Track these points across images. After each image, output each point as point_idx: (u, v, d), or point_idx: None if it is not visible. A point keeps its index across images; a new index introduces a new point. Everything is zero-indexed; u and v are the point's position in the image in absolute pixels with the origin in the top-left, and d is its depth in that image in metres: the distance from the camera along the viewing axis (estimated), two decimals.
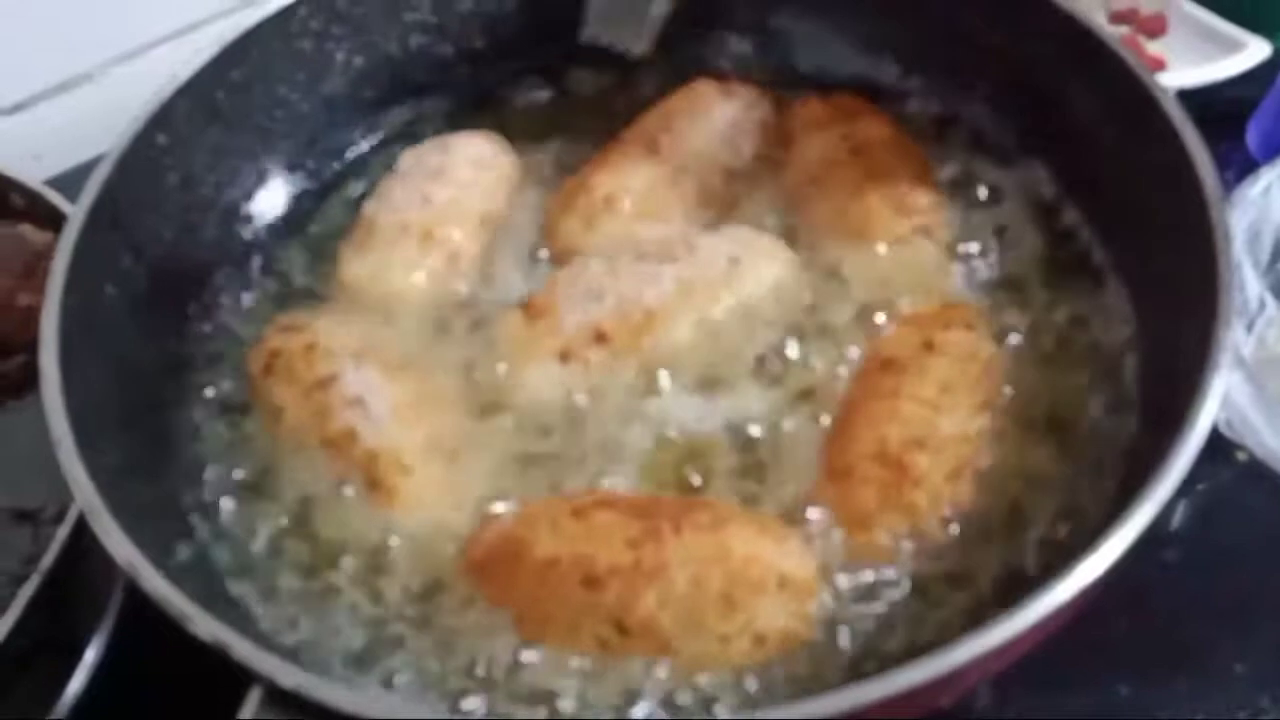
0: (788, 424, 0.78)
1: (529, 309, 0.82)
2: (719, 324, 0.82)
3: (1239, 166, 1.11)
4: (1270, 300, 1.01)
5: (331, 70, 0.98)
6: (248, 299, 0.91)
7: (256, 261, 0.93)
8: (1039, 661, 0.63)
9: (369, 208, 0.91)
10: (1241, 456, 0.91)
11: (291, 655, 0.68)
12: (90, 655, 0.83)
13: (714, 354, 0.81)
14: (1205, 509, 0.88)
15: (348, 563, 0.75)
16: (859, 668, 0.67)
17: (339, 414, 0.76)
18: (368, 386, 0.78)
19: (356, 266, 0.88)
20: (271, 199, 0.97)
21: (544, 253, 0.90)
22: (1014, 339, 0.81)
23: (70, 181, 1.05)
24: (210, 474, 0.80)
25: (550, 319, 0.81)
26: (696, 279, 0.82)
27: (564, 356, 0.80)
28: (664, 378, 0.81)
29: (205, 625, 0.58)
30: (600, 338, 0.80)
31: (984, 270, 0.85)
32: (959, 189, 0.91)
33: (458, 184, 0.91)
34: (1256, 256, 1.01)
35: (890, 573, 0.71)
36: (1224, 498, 0.88)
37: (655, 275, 0.82)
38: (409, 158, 0.95)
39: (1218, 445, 0.88)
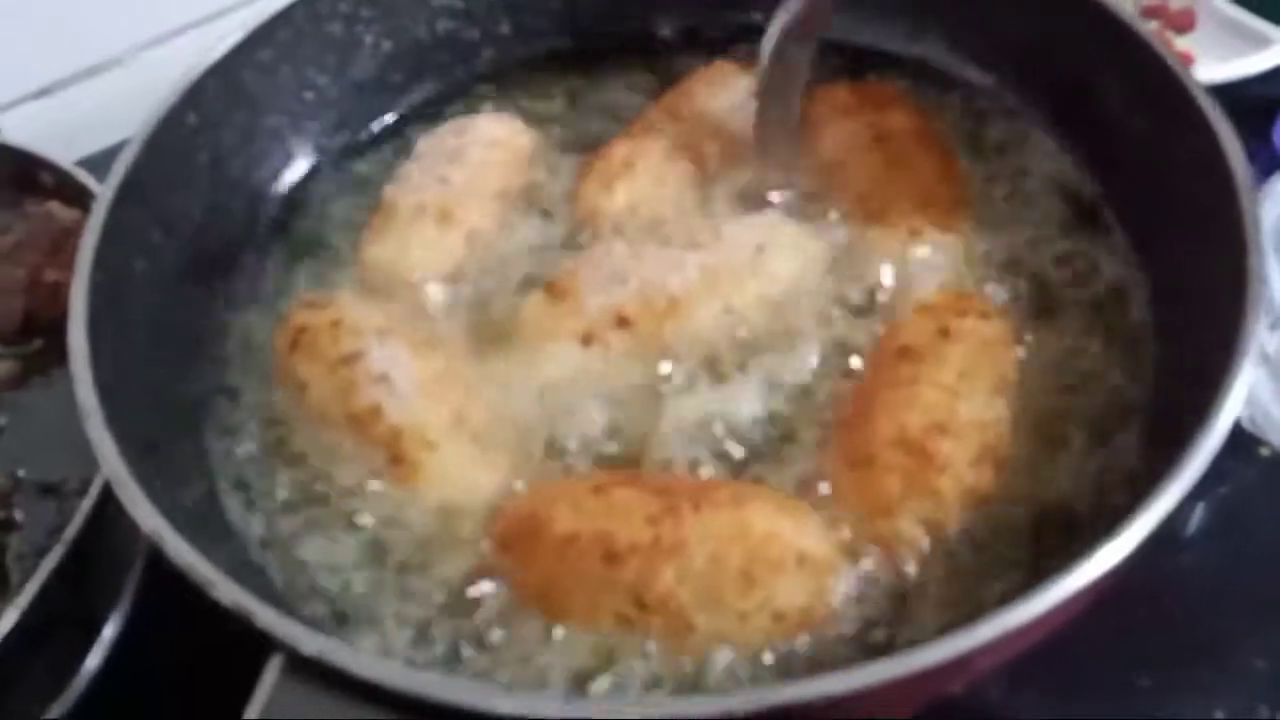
0: (805, 410, 0.78)
1: (551, 289, 0.82)
2: (741, 311, 0.82)
3: (1265, 163, 1.10)
4: None
5: (360, 53, 0.99)
6: (275, 277, 0.91)
7: (283, 240, 0.94)
8: (1059, 653, 0.63)
9: (388, 191, 0.92)
10: (1264, 453, 0.90)
11: (315, 626, 0.68)
12: (109, 631, 0.84)
13: (734, 340, 0.81)
14: (1227, 505, 0.87)
15: (371, 538, 0.75)
16: (875, 649, 0.67)
17: (364, 390, 0.76)
18: (393, 362, 0.78)
19: (377, 249, 0.89)
20: (299, 180, 0.97)
21: (561, 230, 0.91)
22: (1033, 326, 0.81)
23: (100, 164, 1.06)
24: (235, 448, 0.81)
25: (573, 300, 0.81)
26: (721, 266, 0.82)
27: (585, 339, 0.80)
28: (685, 363, 0.80)
29: (228, 591, 0.58)
30: (622, 321, 0.80)
31: (1003, 259, 0.85)
32: (984, 180, 0.90)
33: (474, 164, 0.91)
34: None
35: (911, 556, 0.70)
36: (1246, 494, 0.87)
37: (680, 261, 0.82)
38: (426, 141, 0.96)
39: (1240, 441, 0.88)
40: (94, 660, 0.83)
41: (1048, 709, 0.80)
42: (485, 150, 0.92)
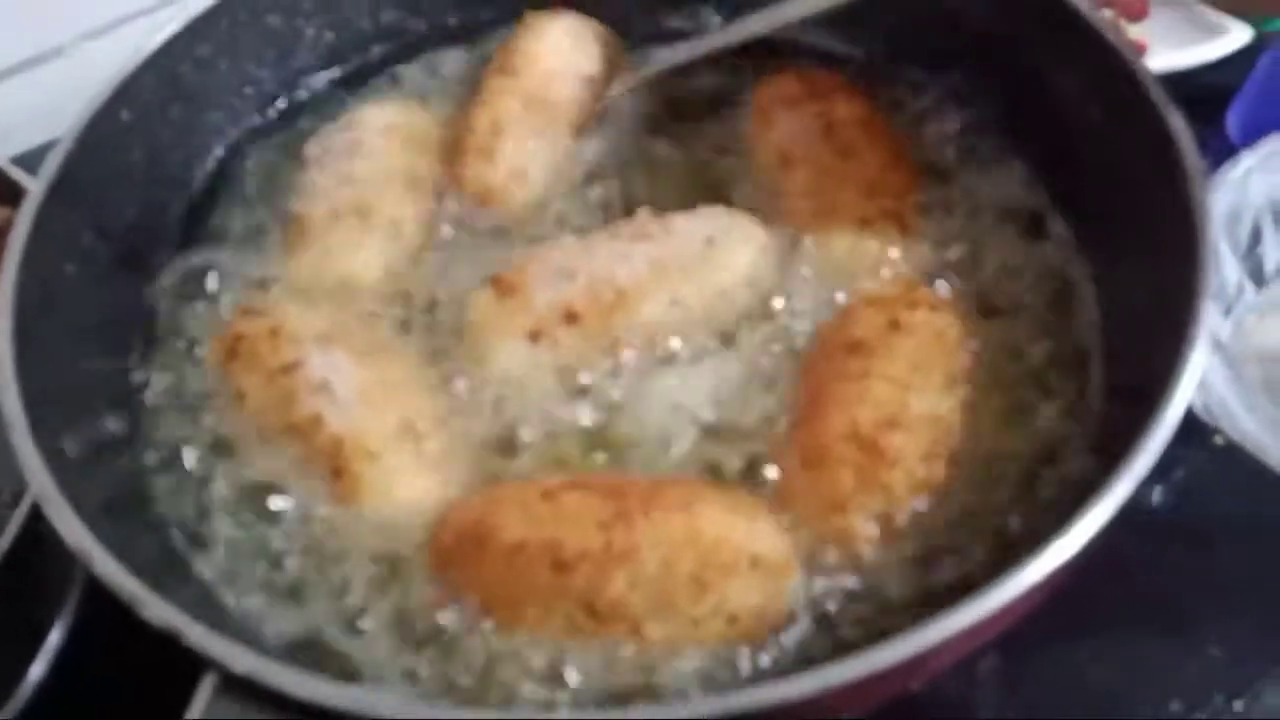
0: (755, 402, 0.77)
1: (499, 285, 0.80)
2: (689, 302, 0.81)
3: (1217, 151, 1.11)
4: (1249, 285, 1.01)
5: (301, 46, 0.97)
6: (213, 280, 0.89)
7: (223, 241, 0.91)
8: (1015, 645, 0.65)
9: (295, 205, 0.89)
10: (1219, 441, 0.90)
11: (254, 642, 0.67)
12: (53, 638, 0.82)
13: (683, 332, 0.80)
14: (1182, 493, 0.88)
15: (312, 550, 0.73)
16: (831, 647, 0.67)
17: (304, 399, 0.75)
18: (334, 370, 0.76)
19: (298, 265, 0.86)
20: (239, 177, 0.95)
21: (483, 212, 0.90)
22: (983, 318, 0.80)
23: (38, 159, 1.04)
24: (171, 459, 0.79)
25: (520, 297, 0.79)
26: (670, 259, 0.81)
27: (534, 335, 0.78)
28: (631, 356, 0.79)
29: (157, 609, 0.57)
30: (571, 317, 0.78)
31: (954, 251, 0.84)
32: (934, 169, 0.90)
33: (373, 154, 0.89)
34: (1235, 240, 1.00)
35: (864, 554, 0.70)
36: (1201, 482, 0.87)
37: (627, 254, 0.81)
38: (316, 143, 0.93)
39: (1195, 429, 0.88)
40: (38, 669, 0.80)
41: (1003, 701, 0.79)
42: (380, 138, 0.90)
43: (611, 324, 0.79)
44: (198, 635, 0.55)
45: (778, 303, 0.82)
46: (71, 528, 0.60)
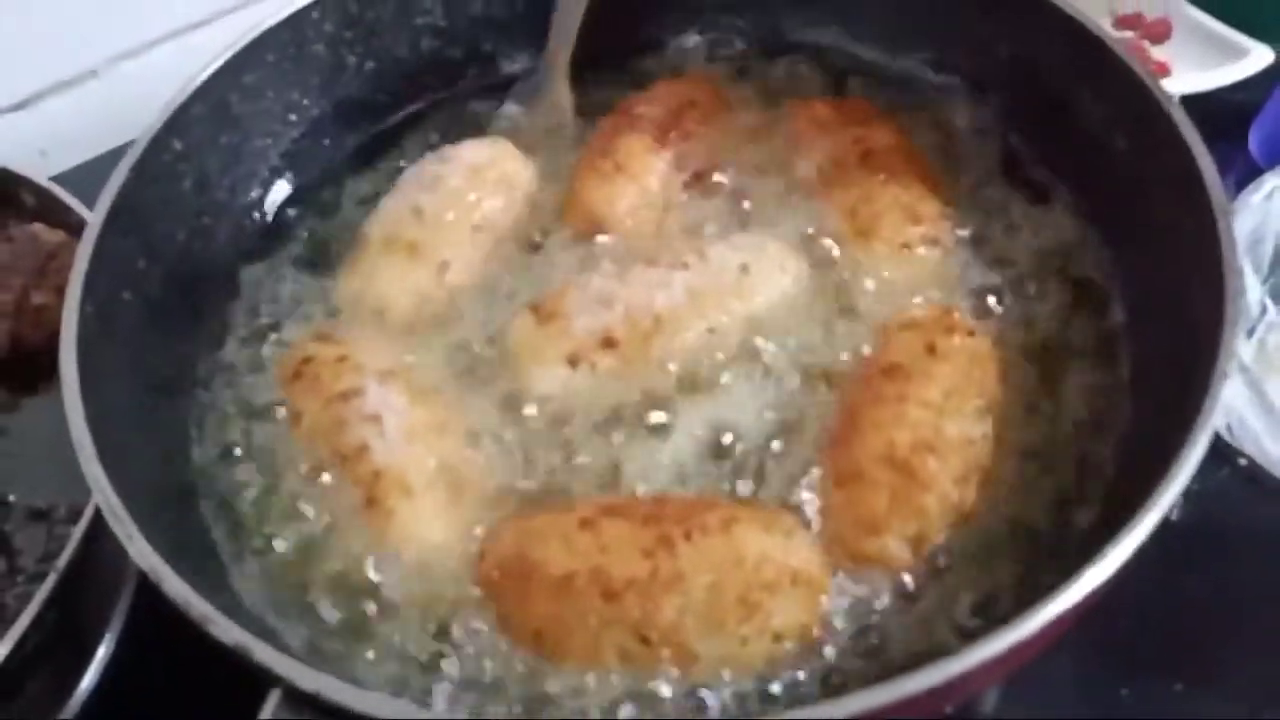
0: (793, 424, 0.79)
1: (539, 312, 0.82)
2: (726, 330, 0.83)
3: (1241, 171, 1.12)
4: (1271, 305, 1.02)
5: (344, 74, 0.99)
6: (261, 301, 0.91)
7: (269, 263, 0.94)
8: (1042, 666, 0.64)
9: (366, 223, 0.92)
10: (1242, 461, 0.92)
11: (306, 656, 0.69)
12: (101, 651, 0.84)
13: (719, 358, 0.82)
14: (1205, 513, 0.88)
15: (351, 572, 0.75)
16: (866, 669, 0.68)
17: (354, 428, 0.77)
18: (388, 405, 0.78)
19: (347, 281, 0.89)
20: (283, 201, 0.98)
21: (546, 251, 0.91)
22: (1014, 343, 0.82)
23: (77, 178, 1.07)
24: (224, 475, 0.81)
25: (560, 322, 0.81)
26: (707, 287, 0.83)
27: (572, 360, 0.80)
28: (671, 382, 0.81)
29: (227, 629, 0.58)
30: (609, 343, 0.80)
31: (988, 276, 0.86)
32: (964, 195, 0.91)
33: (449, 193, 0.90)
34: (1258, 261, 1.02)
35: (898, 572, 0.71)
36: (1224, 503, 0.89)
37: (665, 282, 0.82)
38: (410, 170, 0.95)
39: (1218, 449, 0.89)
40: (88, 680, 0.83)
41: (1021, 716, 0.81)
42: (465, 179, 0.91)
43: (649, 350, 0.81)
44: (265, 653, 0.57)
45: (813, 328, 0.83)
46: (142, 550, 0.62)
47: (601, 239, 0.90)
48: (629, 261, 0.86)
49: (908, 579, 0.71)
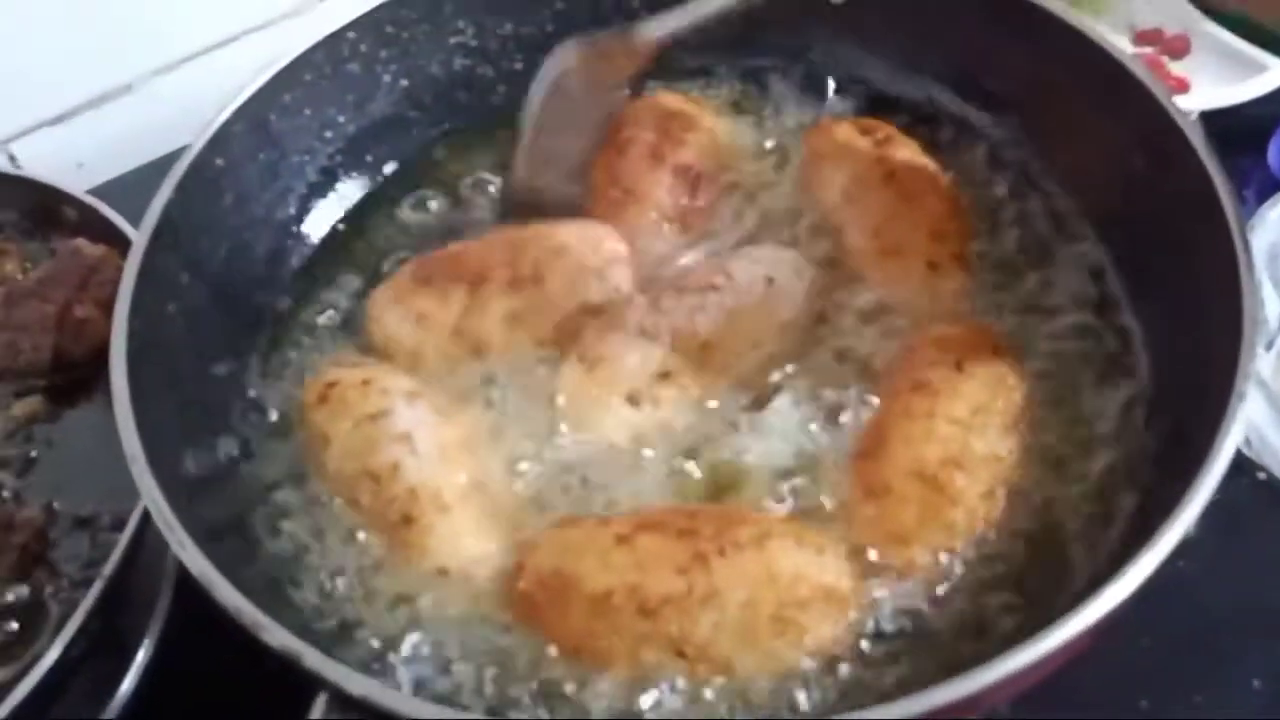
0: (822, 441, 0.80)
1: (585, 359, 0.82)
2: (765, 343, 0.84)
3: (1260, 185, 1.12)
4: None
5: (378, 92, 1.01)
6: (299, 314, 0.93)
7: (305, 277, 0.96)
8: (1061, 678, 0.65)
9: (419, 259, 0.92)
10: (1261, 475, 0.93)
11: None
12: (141, 655, 0.86)
13: (766, 373, 0.83)
14: (1224, 527, 0.89)
15: (384, 591, 0.76)
16: (889, 683, 0.70)
17: (386, 448, 0.77)
18: (418, 424, 0.79)
19: (376, 313, 0.90)
20: (320, 217, 1.00)
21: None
22: (1036, 360, 0.83)
23: (112, 191, 1.09)
24: (265, 487, 0.83)
25: (610, 365, 0.82)
26: (740, 303, 0.84)
27: (632, 399, 0.81)
28: (727, 401, 0.82)
29: (278, 635, 0.60)
30: (665, 375, 0.81)
31: (1010, 297, 0.87)
32: (984, 215, 0.93)
33: (549, 276, 0.88)
34: (1277, 276, 1.03)
35: (924, 588, 0.73)
36: (1244, 519, 0.89)
37: (702, 305, 0.84)
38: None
39: (1237, 463, 0.90)
40: (128, 683, 0.85)
41: None
42: (559, 265, 0.88)
43: (705, 374, 0.82)
44: (314, 659, 0.59)
45: (840, 346, 0.85)
46: (194, 558, 0.64)
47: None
48: (652, 288, 0.88)
49: (934, 592, 0.73)
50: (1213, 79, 1.21)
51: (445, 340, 0.86)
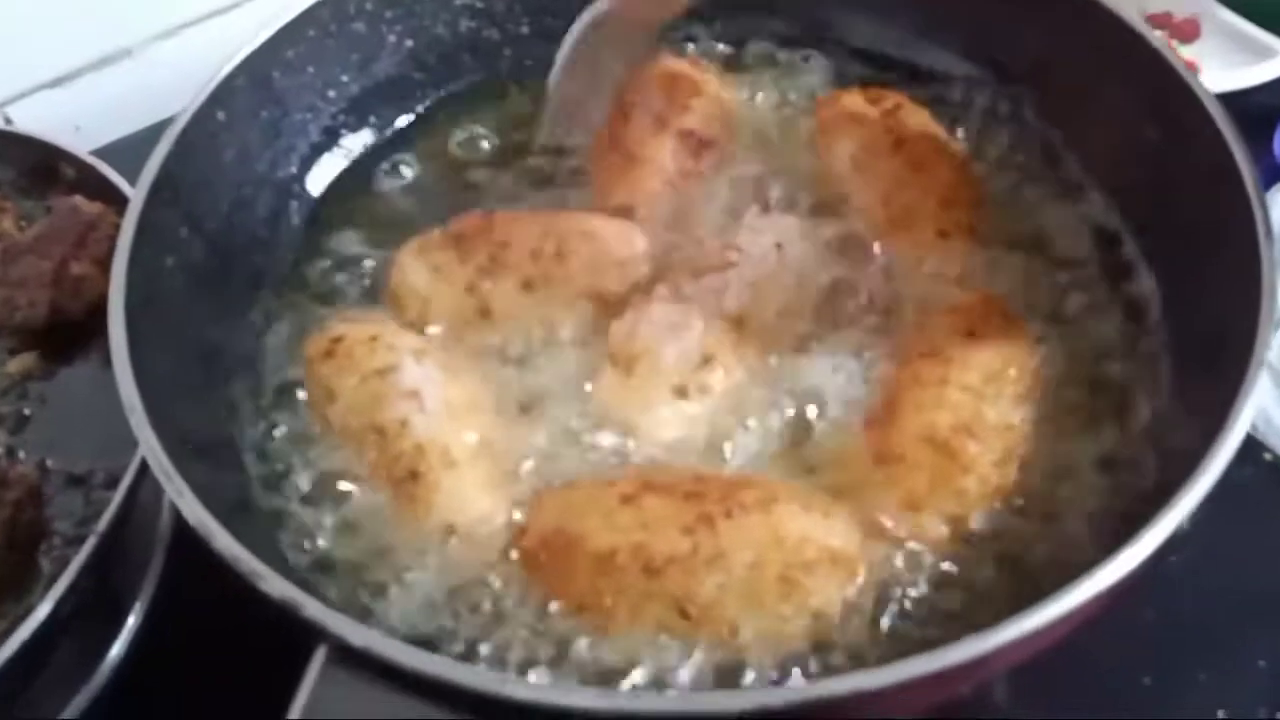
0: (832, 408, 0.80)
1: (620, 362, 0.80)
2: (790, 308, 0.83)
3: (1266, 172, 1.12)
4: None
5: (383, 51, 1.00)
6: (300, 272, 0.92)
7: (307, 236, 0.95)
8: (1063, 653, 0.64)
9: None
10: (1267, 457, 0.93)
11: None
12: (132, 620, 0.86)
13: (787, 344, 0.83)
14: (1231, 508, 0.89)
15: (391, 548, 0.76)
16: (897, 646, 0.69)
17: (393, 403, 0.77)
18: (426, 381, 0.78)
19: (402, 260, 0.88)
20: (322, 175, 0.98)
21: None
22: (1049, 332, 0.82)
23: (112, 154, 1.08)
24: (265, 442, 0.82)
25: (647, 362, 0.80)
26: (759, 274, 0.84)
27: (680, 392, 0.79)
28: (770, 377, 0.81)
29: (276, 584, 0.59)
30: (707, 360, 0.80)
31: (1022, 264, 0.87)
32: (995, 185, 0.92)
33: (560, 261, 0.86)
34: None
35: (933, 555, 0.72)
36: (1250, 498, 0.89)
37: (724, 283, 0.83)
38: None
39: (1244, 445, 0.89)
40: (119, 647, 0.84)
41: (1051, 708, 0.81)
42: (585, 248, 0.87)
43: (744, 352, 0.81)
44: (314, 609, 0.58)
45: (852, 304, 0.84)
46: (192, 507, 0.63)
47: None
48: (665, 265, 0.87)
49: (944, 559, 0.72)
50: (1222, 63, 1.21)
51: (458, 294, 0.85)
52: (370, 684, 0.56)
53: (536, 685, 0.65)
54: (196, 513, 0.62)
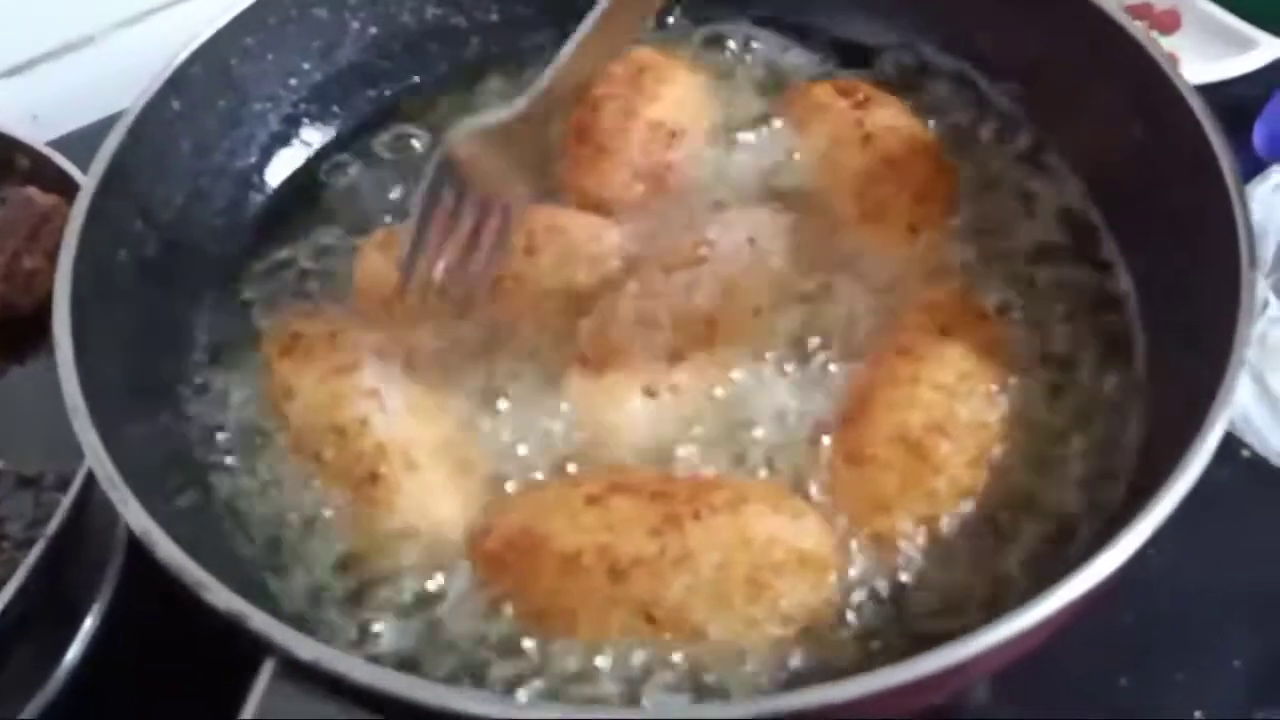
0: (805, 406, 0.78)
1: (589, 362, 0.78)
2: (763, 305, 0.81)
3: (1244, 165, 1.11)
4: (1274, 299, 1.02)
5: (346, 39, 0.97)
6: (258, 267, 0.90)
7: (266, 228, 0.92)
8: (1040, 653, 0.63)
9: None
10: (1245, 454, 0.92)
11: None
12: (88, 624, 0.83)
13: (760, 341, 0.81)
14: (1207, 506, 0.88)
15: (346, 550, 0.74)
16: (870, 652, 0.68)
17: (353, 402, 0.75)
18: (388, 380, 0.76)
19: (368, 250, 0.87)
20: (283, 166, 0.96)
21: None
22: (1025, 329, 0.81)
23: (70, 145, 1.05)
24: (220, 443, 0.80)
25: (617, 361, 0.78)
26: (730, 270, 0.82)
27: (649, 392, 0.77)
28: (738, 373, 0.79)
29: (222, 595, 0.57)
30: (678, 359, 0.78)
31: (997, 260, 0.85)
32: (972, 180, 0.90)
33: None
34: (1261, 256, 1.01)
35: (905, 558, 0.71)
36: (1227, 495, 0.87)
37: (695, 280, 0.81)
38: None
39: (1222, 442, 0.89)
40: (74, 652, 0.82)
41: (1028, 708, 0.80)
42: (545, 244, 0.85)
43: (714, 350, 0.79)
44: (261, 621, 0.56)
45: (825, 309, 0.82)
46: (136, 514, 0.61)
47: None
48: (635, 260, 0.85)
49: (915, 561, 0.71)
50: (1202, 55, 1.20)
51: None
52: (320, 697, 0.54)
53: (489, 698, 0.63)
54: (140, 520, 0.60)
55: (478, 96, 1.00)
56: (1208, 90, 1.00)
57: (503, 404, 0.79)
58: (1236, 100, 1.15)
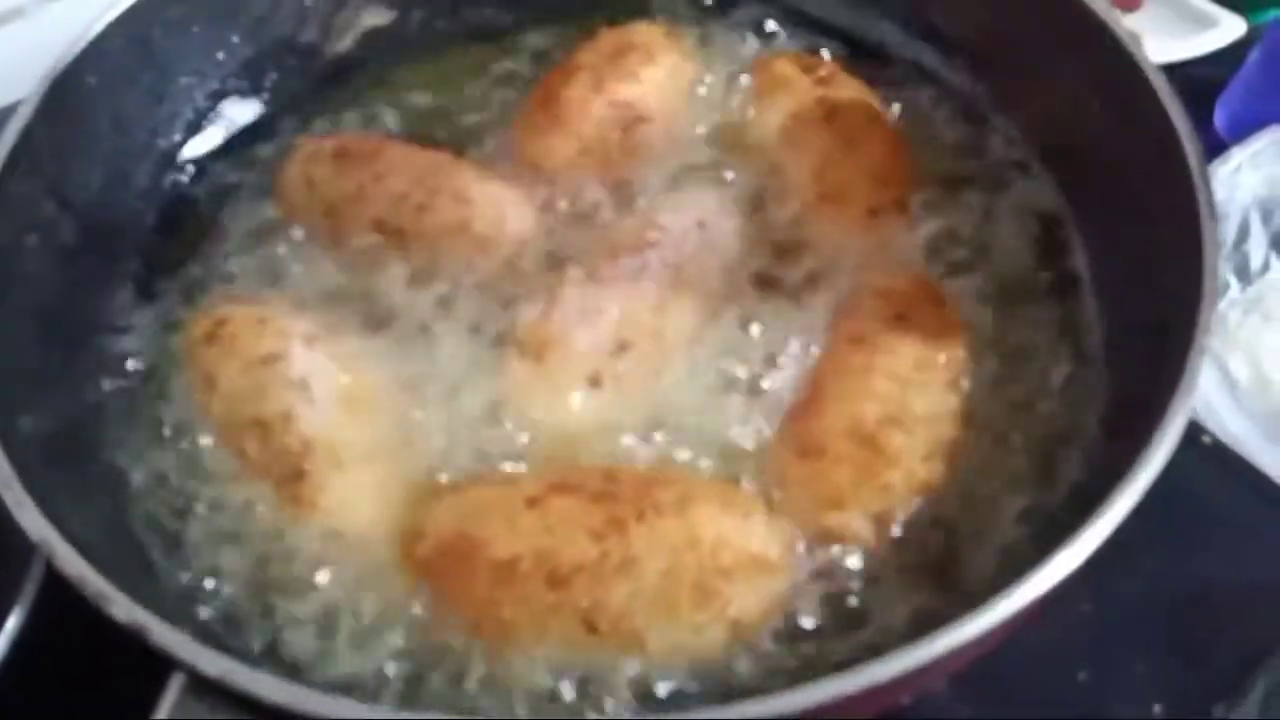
0: (756, 396, 0.75)
1: (528, 349, 0.75)
2: (712, 288, 0.79)
3: (1206, 146, 1.10)
4: (1234, 281, 1.00)
5: (280, 10, 0.94)
6: (181, 253, 0.86)
7: (191, 212, 0.89)
8: (1000, 649, 0.61)
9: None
10: (1205, 440, 0.90)
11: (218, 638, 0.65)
12: (11, 623, 0.79)
13: (709, 331, 0.78)
14: (1168, 494, 0.87)
15: (264, 554, 0.71)
16: (823, 656, 0.65)
17: (278, 394, 0.71)
18: (316, 370, 0.73)
19: (289, 161, 0.86)
20: (210, 145, 0.92)
21: None
22: (984, 315, 0.79)
23: None
24: (134, 442, 0.76)
25: (559, 349, 0.75)
26: (681, 255, 0.79)
27: (594, 381, 0.74)
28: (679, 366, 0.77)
29: (124, 608, 0.54)
30: (623, 347, 0.75)
31: (956, 245, 0.83)
32: (932, 161, 0.88)
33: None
34: (1223, 236, 1.00)
35: (859, 553, 0.69)
36: (1188, 482, 0.86)
37: (644, 265, 0.78)
38: None
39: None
40: None
41: (986, 705, 0.78)
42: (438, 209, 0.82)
43: (664, 337, 0.76)
44: (165, 635, 0.53)
45: (778, 295, 0.80)
46: (32, 518, 0.57)
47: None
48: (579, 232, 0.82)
49: (869, 559, 0.68)
50: (1164, 34, 1.18)
51: (316, 215, 0.83)
52: (229, 711, 0.51)
53: (405, 715, 0.60)
54: (37, 526, 0.57)
55: (416, 73, 0.96)
56: (1170, 70, 0.99)
57: (435, 392, 0.76)
58: (1199, 80, 1.13)
